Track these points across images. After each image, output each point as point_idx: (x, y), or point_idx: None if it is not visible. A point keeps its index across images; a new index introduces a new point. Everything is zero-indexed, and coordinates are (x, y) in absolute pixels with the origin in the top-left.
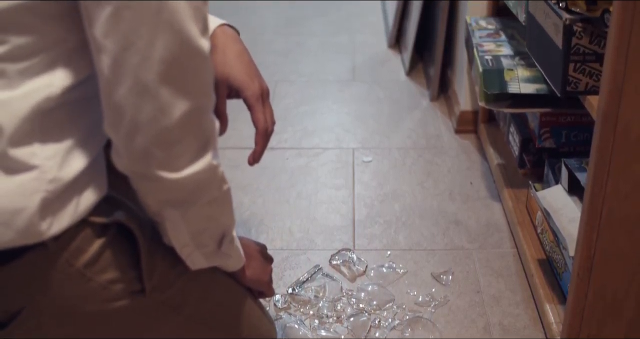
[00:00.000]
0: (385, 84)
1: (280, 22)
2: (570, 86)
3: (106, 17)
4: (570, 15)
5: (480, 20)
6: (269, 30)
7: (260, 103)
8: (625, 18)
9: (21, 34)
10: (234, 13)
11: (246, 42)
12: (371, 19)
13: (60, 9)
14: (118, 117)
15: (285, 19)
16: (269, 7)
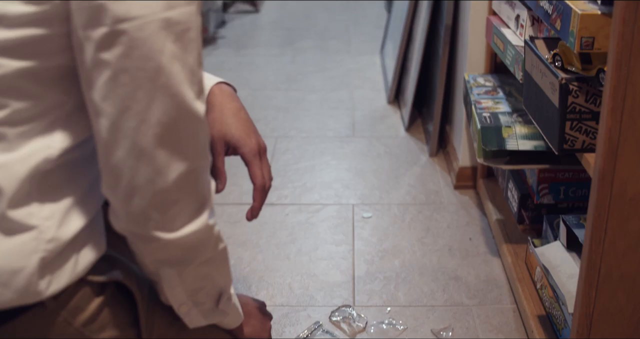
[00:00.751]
0: (384, 140)
1: (280, 78)
2: (567, 144)
3: (104, 81)
4: (566, 74)
5: (478, 77)
6: (269, 86)
7: (257, 159)
8: (620, 77)
9: (21, 99)
10: (235, 69)
11: (246, 98)
12: (370, 74)
13: (59, 73)
14: (115, 180)
15: (286, 75)
16: (269, 63)
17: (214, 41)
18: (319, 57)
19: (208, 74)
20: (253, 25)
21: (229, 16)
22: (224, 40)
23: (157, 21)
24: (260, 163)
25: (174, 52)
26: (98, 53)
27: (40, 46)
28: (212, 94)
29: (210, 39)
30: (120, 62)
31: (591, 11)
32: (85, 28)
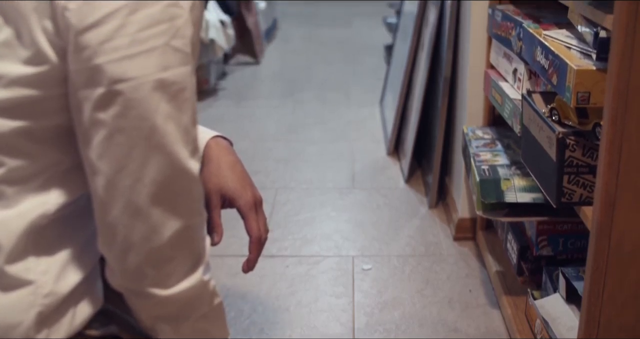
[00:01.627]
0: (384, 192)
1: (281, 130)
2: (565, 197)
3: (100, 140)
4: (563, 128)
5: (477, 130)
6: (270, 138)
7: (253, 212)
8: (616, 132)
9: (18, 157)
10: (235, 120)
11: (247, 149)
12: (370, 126)
13: (55, 133)
14: (111, 237)
15: (286, 126)
16: (269, 114)
17: (215, 93)
18: (319, 109)
19: (204, 128)
20: (253, 76)
21: (229, 68)
22: (225, 91)
23: (152, 82)
24: (256, 216)
25: (168, 112)
26: (95, 113)
27: (37, 106)
28: (209, 147)
29: (210, 90)
30: (116, 121)
31: (586, 67)
32: (83, 88)
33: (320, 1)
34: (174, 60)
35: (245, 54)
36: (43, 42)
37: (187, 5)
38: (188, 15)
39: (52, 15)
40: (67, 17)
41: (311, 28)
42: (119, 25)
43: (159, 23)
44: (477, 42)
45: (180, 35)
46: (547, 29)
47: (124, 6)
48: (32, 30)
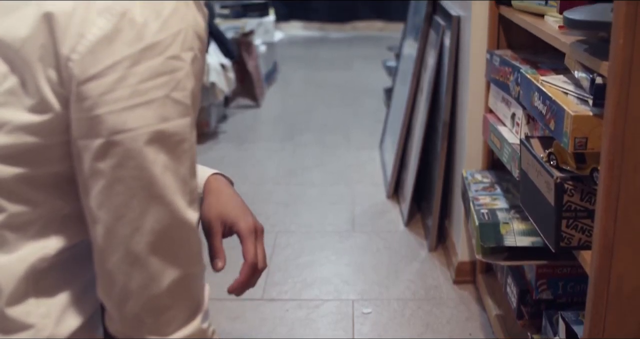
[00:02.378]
0: (384, 235)
1: (281, 173)
2: (564, 242)
3: (100, 189)
4: (561, 173)
5: (476, 173)
6: (270, 181)
7: (252, 236)
8: (613, 176)
9: (19, 203)
10: (236, 163)
11: (247, 192)
12: (370, 169)
13: (56, 180)
14: (110, 284)
15: (286, 169)
16: (269, 157)
17: (215, 136)
18: (318, 152)
19: (204, 167)
20: (254, 119)
21: (230, 111)
22: (225, 134)
23: (151, 133)
24: (255, 241)
25: (166, 163)
26: (94, 162)
27: (39, 154)
28: (208, 182)
29: (211, 133)
30: (115, 172)
31: (583, 112)
32: (83, 138)
33: (321, 44)
34: (174, 112)
35: (245, 97)
36: (47, 91)
37: (188, 58)
38: (189, 67)
39: (56, 65)
40: (70, 68)
41: (311, 71)
42: (120, 77)
43: (160, 75)
44: (476, 86)
45: (181, 88)
46: (545, 75)
47: (126, 58)
48: (37, 79)
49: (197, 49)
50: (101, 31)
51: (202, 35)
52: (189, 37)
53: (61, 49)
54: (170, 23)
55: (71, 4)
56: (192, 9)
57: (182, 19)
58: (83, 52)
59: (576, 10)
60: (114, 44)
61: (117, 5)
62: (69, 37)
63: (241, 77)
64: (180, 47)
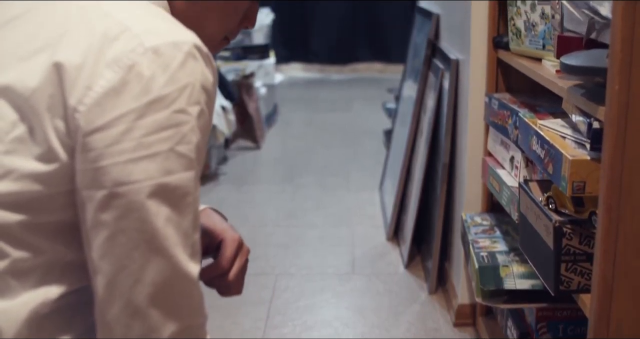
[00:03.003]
0: (384, 277)
1: (281, 215)
2: (563, 285)
3: (102, 240)
4: (559, 217)
5: (476, 216)
6: (270, 223)
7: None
8: (611, 220)
9: (22, 249)
10: (236, 206)
11: (247, 235)
12: (370, 211)
13: (60, 228)
14: (109, 335)
15: (286, 211)
16: (269, 199)
17: (216, 177)
18: (318, 194)
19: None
20: (254, 161)
21: (230, 153)
22: (226, 176)
23: (154, 186)
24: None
25: (169, 216)
26: (97, 213)
27: (44, 201)
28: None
29: (211, 175)
30: (118, 223)
31: (581, 156)
32: (88, 188)
33: (321, 86)
34: (178, 166)
35: (246, 139)
36: (54, 141)
37: (195, 112)
38: (195, 121)
39: (64, 116)
40: (76, 119)
41: (311, 113)
42: (125, 129)
43: (166, 129)
44: (475, 129)
45: (186, 141)
46: (543, 118)
47: (132, 111)
48: (45, 129)
49: (203, 103)
50: (108, 83)
51: (210, 90)
52: (196, 91)
53: (69, 99)
54: (178, 77)
55: (81, 55)
56: (200, 63)
57: (190, 73)
58: (90, 104)
59: (573, 55)
60: (120, 96)
61: (126, 58)
62: (77, 88)
63: (242, 119)
64: (187, 101)
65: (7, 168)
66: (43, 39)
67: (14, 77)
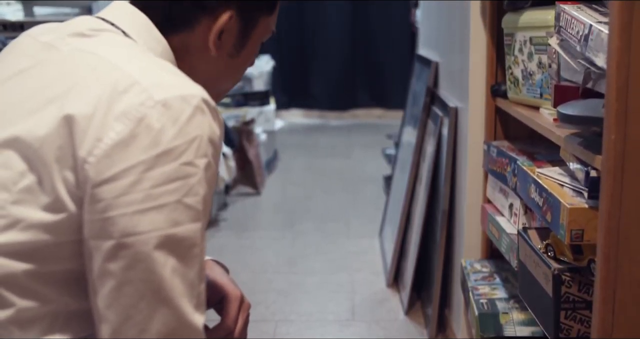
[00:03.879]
0: (384, 324)
1: (281, 261)
2: (563, 333)
3: (109, 290)
4: (558, 264)
5: (475, 263)
6: (270, 269)
7: (237, 302)
8: (610, 268)
9: (28, 298)
10: (236, 252)
11: (247, 281)
12: (369, 257)
13: (66, 277)
14: None
15: (286, 257)
16: (269, 246)
17: (216, 224)
18: (318, 240)
19: None
20: (254, 207)
21: (230, 198)
22: (226, 222)
23: (161, 237)
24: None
25: (175, 267)
26: (105, 263)
27: (51, 251)
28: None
29: (212, 221)
30: (125, 273)
31: (579, 205)
32: (95, 239)
33: (321, 132)
34: (185, 217)
35: (246, 185)
36: (62, 191)
37: (202, 164)
38: (202, 174)
39: (73, 167)
40: (86, 170)
41: (311, 159)
42: (134, 181)
43: (173, 181)
44: (474, 176)
45: (193, 193)
46: (541, 166)
47: (141, 162)
48: (53, 179)
49: (211, 156)
50: (118, 136)
51: (217, 143)
52: (204, 144)
53: (79, 151)
54: (187, 130)
55: (91, 107)
56: (208, 117)
57: (198, 126)
58: (99, 156)
59: (569, 105)
60: (129, 148)
61: (135, 111)
62: (87, 140)
63: (242, 165)
64: (195, 154)
65: (15, 218)
66: (52, 92)
67: (24, 129)
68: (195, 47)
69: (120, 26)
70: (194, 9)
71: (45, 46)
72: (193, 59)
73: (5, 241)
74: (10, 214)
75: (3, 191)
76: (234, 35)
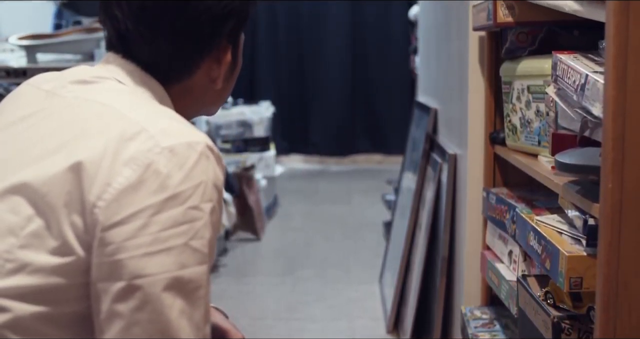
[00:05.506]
0: None
1: (281, 307)
2: None
3: (117, 331)
4: (558, 312)
5: (475, 309)
6: (270, 316)
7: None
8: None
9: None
10: (236, 297)
11: (246, 328)
12: (370, 304)
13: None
14: None
15: (286, 304)
16: (269, 292)
17: (216, 269)
18: (319, 286)
19: None
20: (254, 253)
21: (230, 244)
22: (226, 268)
23: (169, 279)
24: None
25: (182, 308)
26: (113, 304)
27: (58, 293)
28: None
29: (212, 267)
30: (134, 315)
31: (578, 253)
32: (104, 281)
33: (320, 177)
34: (192, 260)
35: (246, 231)
36: (70, 235)
37: (207, 208)
38: (208, 217)
39: (82, 212)
40: (95, 214)
41: (311, 204)
42: (143, 225)
43: (181, 224)
44: (473, 223)
45: (199, 237)
46: (540, 214)
47: (149, 207)
48: (61, 224)
49: (215, 201)
50: (127, 181)
51: (220, 188)
52: (209, 189)
53: (88, 196)
54: (193, 175)
55: (100, 154)
56: (212, 163)
57: (204, 172)
58: (109, 200)
59: (567, 153)
60: (138, 193)
61: (143, 157)
62: (96, 185)
63: (242, 210)
64: (201, 199)
65: (23, 262)
66: (59, 139)
67: (31, 175)
68: (198, 87)
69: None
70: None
71: (48, 94)
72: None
73: (14, 285)
74: (18, 258)
75: (11, 235)
76: (229, 61)
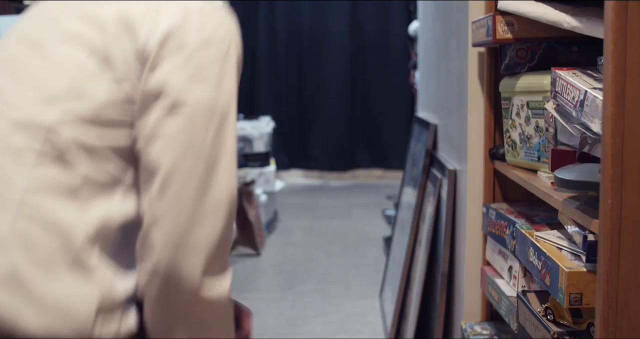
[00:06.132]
0: None
1: (280, 323)
2: None
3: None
4: (558, 328)
5: (475, 325)
6: (270, 331)
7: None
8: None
9: (95, 163)
10: None
11: None
12: (370, 319)
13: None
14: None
15: (286, 319)
16: (269, 307)
17: None
18: (319, 301)
19: None
20: (254, 268)
21: (230, 259)
22: None
23: (209, 102)
24: None
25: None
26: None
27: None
28: None
29: None
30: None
31: (577, 268)
32: (154, 100)
33: (320, 192)
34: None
35: (246, 246)
36: (127, 65)
37: (234, 54)
38: (234, 62)
39: (135, 49)
40: (146, 52)
41: (311, 219)
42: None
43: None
44: (473, 239)
45: (229, 78)
46: (539, 229)
47: (190, 43)
48: (118, 57)
49: (238, 57)
50: (169, 26)
51: (240, 50)
52: (234, 43)
53: (139, 38)
54: (224, 27)
55: (143, 6)
56: (233, 25)
57: (230, 30)
58: (157, 38)
59: (566, 169)
60: (180, 35)
61: (180, 6)
62: (145, 29)
63: (242, 226)
64: (229, 45)
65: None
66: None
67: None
68: None
69: None
70: None
71: None
72: None
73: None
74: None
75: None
76: None
